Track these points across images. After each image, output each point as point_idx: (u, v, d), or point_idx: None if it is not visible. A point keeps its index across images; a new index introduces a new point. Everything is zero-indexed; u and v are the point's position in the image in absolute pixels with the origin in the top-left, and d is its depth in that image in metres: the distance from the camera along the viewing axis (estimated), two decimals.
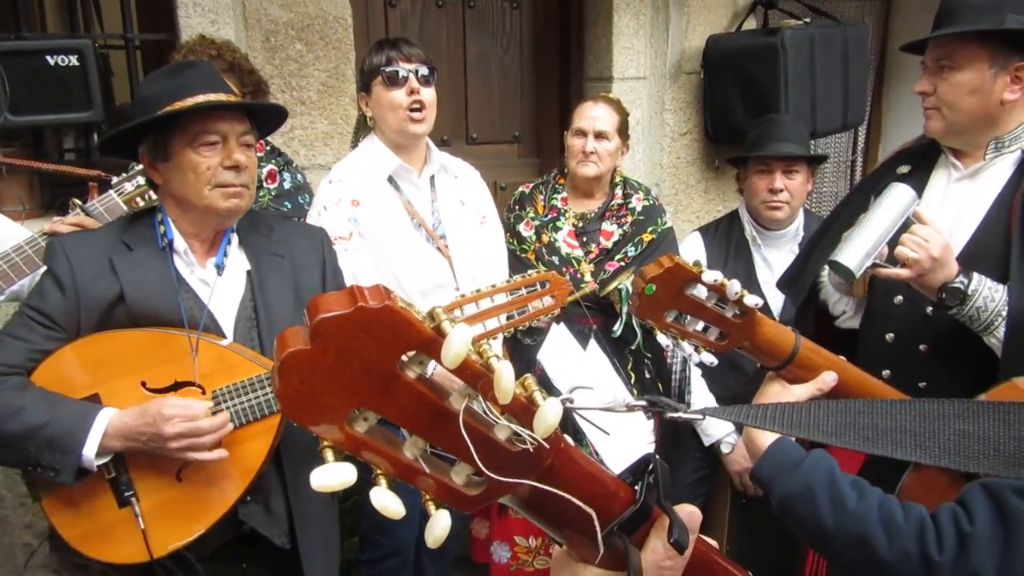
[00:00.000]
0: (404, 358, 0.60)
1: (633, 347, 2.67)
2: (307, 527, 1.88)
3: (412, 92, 2.31)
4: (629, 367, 2.73)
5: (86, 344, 1.69)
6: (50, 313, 1.68)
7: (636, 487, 0.76)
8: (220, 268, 1.80)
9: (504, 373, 0.61)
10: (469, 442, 0.62)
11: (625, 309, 2.57)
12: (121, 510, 1.68)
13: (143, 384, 1.71)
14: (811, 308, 2.19)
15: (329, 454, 0.61)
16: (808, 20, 3.53)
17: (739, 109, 3.48)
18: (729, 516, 3.05)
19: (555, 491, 0.68)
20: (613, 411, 0.82)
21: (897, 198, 1.71)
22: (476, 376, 0.62)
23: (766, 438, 1.27)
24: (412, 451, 0.65)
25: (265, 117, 1.91)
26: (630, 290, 2.57)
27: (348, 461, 0.62)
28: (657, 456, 0.77)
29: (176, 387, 1.72)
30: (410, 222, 2.39)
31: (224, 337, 1.79)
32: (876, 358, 1.92)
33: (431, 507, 0.65)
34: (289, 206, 2.63)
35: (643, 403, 0.82)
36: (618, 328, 2.62)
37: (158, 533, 1.68)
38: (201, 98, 1.69)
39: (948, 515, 1.10)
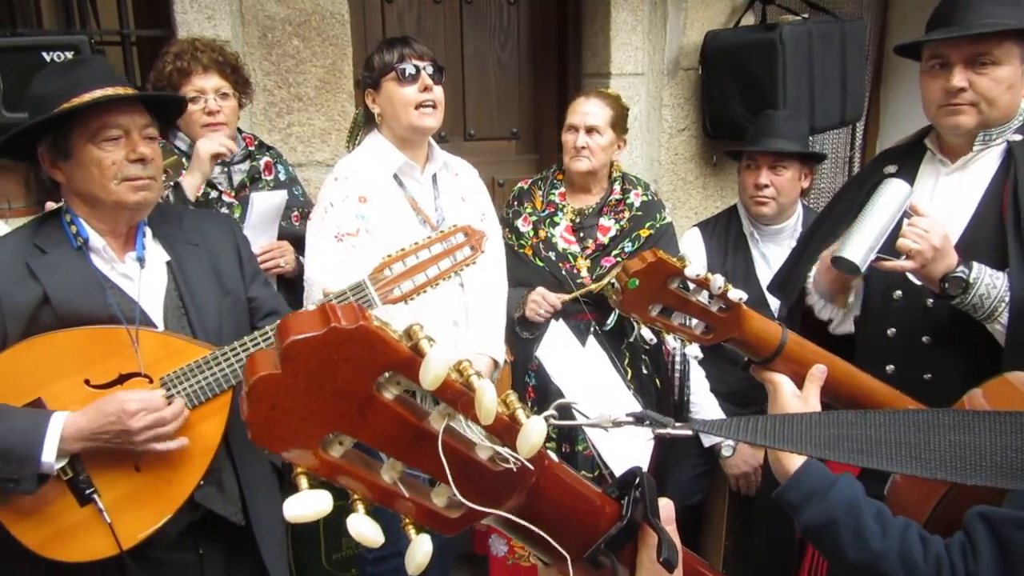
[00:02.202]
0: (380, 379, 0.58)
1: (632, 339, 2.68)
2: (258, 501, 1.90)
3: (425, 89, 2.32)
4: (626, 363, 2.74)
5: (21, 350, 1.66)
6: None
7: (622, 502, 0.74)
8: (142, 261, 1.79)
9: (486, 393, 0.59)
10: (447, 465, 0.60)
11: None
12: (83, 508, 1.67)
13: (87, 382, 1.68)
14: (799, 311, 2.20)
15: (303, 481, 0.59)
16: (806, 16, 3.52)
17: (737, 105, 3.48)
18: (728, 513, 3.05)
19: (530, 526, 0.66)
20: (599, 427, 0.80)
21: (894, 192, 1.72)
22: (456, 395, 0.60)
23: (793, 462, 1.27)
24: (390, 474, 0.63)
25: (164, 109, 1.89)
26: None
27: (323, 487, 0.60)
28: (643, 470, 0.75)
29: (121, 380, 1.70)
30: (415, 218, 2.40)
31: (155, 328, 1.78)
32: (878, 354, 1.92)
33: (411, 531, 0.63)
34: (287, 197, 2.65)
35: (630, 419, 0.81)
36: (611, 321, 2.63)
37: (124, 525, 1.67)
38: (99, 93, 1.66)
39: (959, 553, 1.11)
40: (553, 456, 0.71)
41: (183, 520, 1.76)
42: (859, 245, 1.68)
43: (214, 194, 2.48)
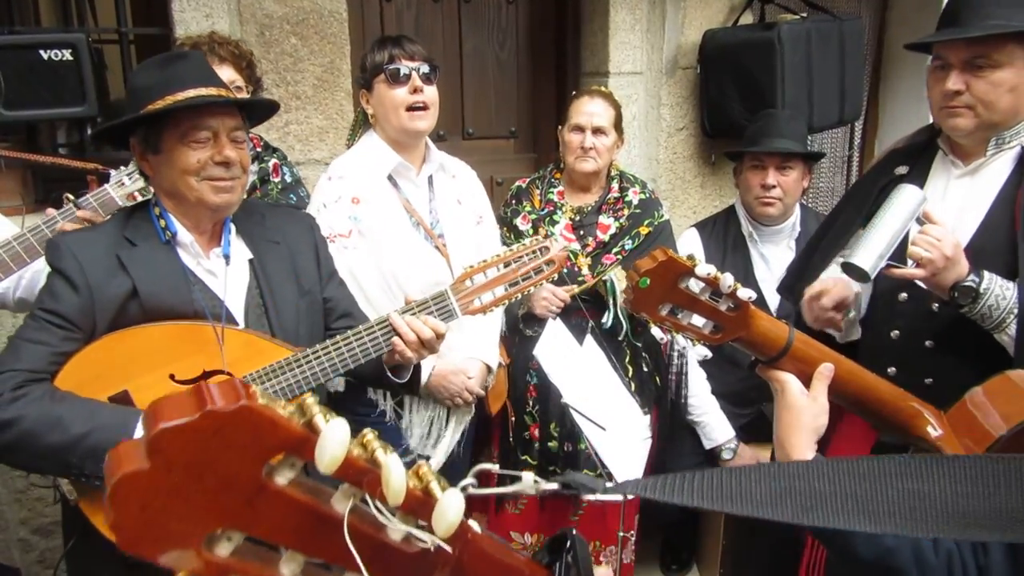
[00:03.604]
0: (272, 462, 0.52)
1: (620, 338, 2.68)
2: None
3: (415, 91, 2.30)
4: (627, 360, 2.74)
5: (110, 342, 1.68)
6: (66, 314, 1.65)
7: (554, 567, 0.70)
8: (228, 258, 1.81)
9: (393, 470, 0.53)
10: (356, 554, 0.53)
11: (612, 300, 2.59)
12: None
13: (171, 377, 1.70)
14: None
15: None
16: (805, 15, 3.52)
17: (736, 104, 3.48)
18: (725, 517, 3.05)
19: None
20: (522, 492, 0.70)
21: (907, 199, 1.71)
22: (360, 473, 0.53)
23: (806, 453, 1.26)
24: (291, 567, 0.55)
25: (254, 109, 1.91)
26: (615, 281, 2.59)
27: None
28: (575, 531, 0.71)
29: (204, 377, 1.73)
30: (408, 220, 2.39)
31: (237, 325, 1.80)
32: (881, 355, 1.92)
33: None
34: (293, 199, 2.65)
35: (555, 486, 0.71)
36: (607, 319, 2.63)
37: None
38: (192, 92, 1.68)
39: (969, 548, 1.11)
40: (476, 527, 0.65)
41: None
42: (870, 252, 1.68)
43: None
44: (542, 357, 2.51)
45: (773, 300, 2.83)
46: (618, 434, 2.43)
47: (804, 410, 1.28)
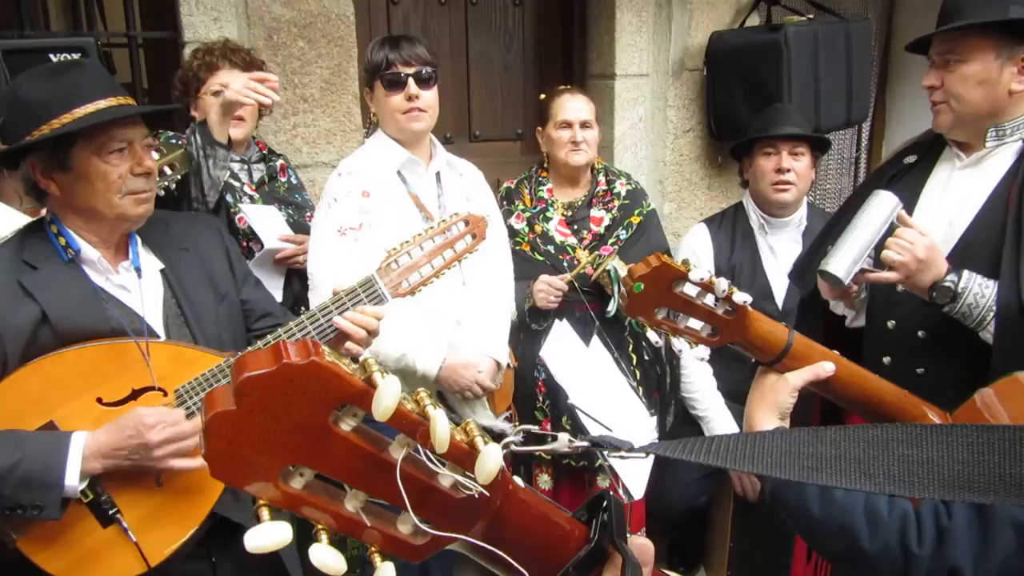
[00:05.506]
0: (337, 411, 0.59)
1: (625, 325, 2.72)
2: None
3: (410, 98, 2.32)
4: (630, 349, 2.79)
5: (27, 373, 1.58)
6: None
7: (591, 524, 0.75)
8: (139, 271, 1.74)
9: (439, 422, 0.59)
10: (405, 494, 0.61)
11: (616, 288, 2.62)
12: (106, 530, 1.61)
13: (99, 400, 1.63)
14: (819, 303, 2.21)
15: (265, 512, 0.60)
16: (811, 16, 3.52)
17: (742, 106, 3.48)
18: (732, 515, 3.05)
19: (494, 550, 0.68)
20: (556, 451, 0.78)
21: (879, 204, 1.75)
22: (413, 425, 0.60)
23: (764, 425, 1.27)
24: (353, 504, 0.63)
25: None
26: (617, 269, 2.62)
27: (284, 518, 0.60)
28: (611, 493, 0.76)
29: (135, 395, 1.64)
30: (418, 214, 2.40)
31: (158, 338, 1.73)
32: (878, 344, 1.95)
33: (376, 559, 0.64)
34: (299, 199, 2.71)
35: (586, 443, 0.80)
36: (612, 307, 2.67)
37: (150, 541, 1.62)
38: (103, 103, 1.60)
39: (929, 509, 1.13)
40: (519, 482, 0.72)
41: (201, 530, 1.71)
42: (843, 259, 1.72)
43: (236, 184, 2.52)
44: (548, 358, 2.52)
45: (780, 292, 2.84)
46: (624, 435, 2.44)
47: (768, 386, 1.32)
